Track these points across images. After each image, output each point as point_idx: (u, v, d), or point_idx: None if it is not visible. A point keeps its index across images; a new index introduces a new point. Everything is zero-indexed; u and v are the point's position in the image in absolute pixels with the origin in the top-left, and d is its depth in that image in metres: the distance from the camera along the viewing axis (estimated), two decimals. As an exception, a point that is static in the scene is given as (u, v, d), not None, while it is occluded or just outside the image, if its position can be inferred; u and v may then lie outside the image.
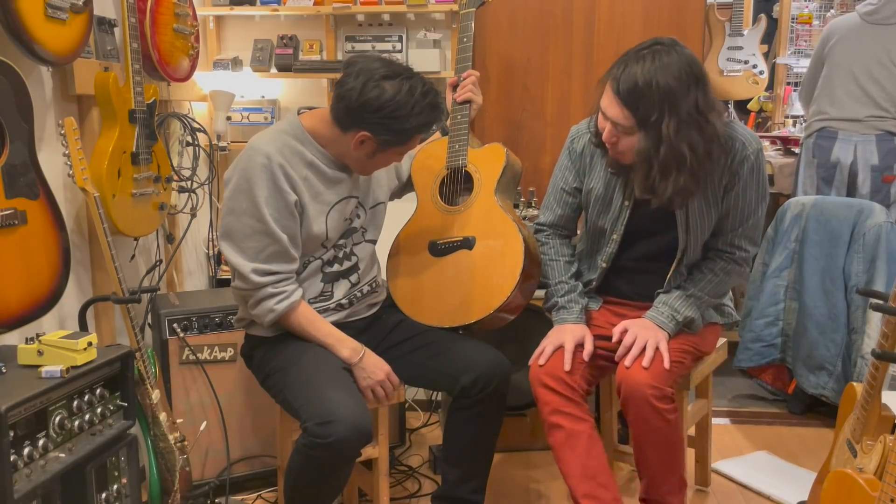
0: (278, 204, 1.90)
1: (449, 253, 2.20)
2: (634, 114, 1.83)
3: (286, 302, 1.94)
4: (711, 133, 1.85)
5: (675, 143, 1.82)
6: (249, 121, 3.04)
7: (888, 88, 3.17)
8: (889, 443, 1.52)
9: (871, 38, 3.21)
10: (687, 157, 1.83)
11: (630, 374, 1.92)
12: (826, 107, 3.24)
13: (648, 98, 1.80)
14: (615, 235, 2.10)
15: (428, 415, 3.07)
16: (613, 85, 1.85)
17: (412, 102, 1.88)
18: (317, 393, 1.82)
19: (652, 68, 1.80)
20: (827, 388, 2.89)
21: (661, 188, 1.87)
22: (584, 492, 1.95)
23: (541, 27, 3.05)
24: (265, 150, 1.91)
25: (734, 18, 3.93)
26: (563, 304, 2.13)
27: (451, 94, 2.31)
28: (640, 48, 1.86)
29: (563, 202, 2.20)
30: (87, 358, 1.69)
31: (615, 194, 2.07)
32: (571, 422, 1.98)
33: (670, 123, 1.81)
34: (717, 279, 2.06)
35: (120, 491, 1.82)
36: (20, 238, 1.73)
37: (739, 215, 2.02)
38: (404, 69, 1.93)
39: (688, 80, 1.81)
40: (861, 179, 3.16)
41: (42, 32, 1.81)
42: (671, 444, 1.96)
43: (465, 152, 2.24)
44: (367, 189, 2.12)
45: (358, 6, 2.94)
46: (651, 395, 1.87)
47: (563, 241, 2.22)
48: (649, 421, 1.90)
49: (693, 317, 2.04)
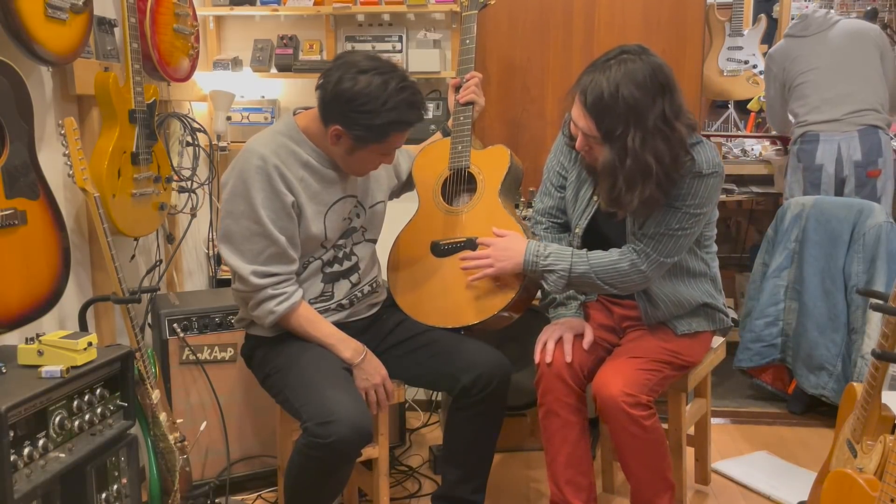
0: (275, 205, 1.90)
1: (452, 253, 2.20)
2: (600, 126, 1.83)
3: (286, 303, 1.94)
4: (677, 140, 1.84)
5: (641, 154, 1.80)
6: (249, 121, 3.03)
7: (856, 84, 3.17)
8: (889, 443, 1.52)
9: (817, 47, 3.25)
10: (653, 168, 1.81)
11: (604, 383, 1.93)
12: (803, 114, 3.25)
13: (613, 110, 1.80)
14: (578, 229, 2.11)
15: (428, 415, 3.07)
16: (581, 96, 1.85)
17: (384, 97, 1.83)
18: (317, 393, 1.82)
19: (617, 77, 1.79)
20: (827, 388, 2.89)
21: (627, 200, 1.86)
22: (567, 478, 2.05)
23: (541, 27, 3.05)
24: (260, 153, 1.90)
25: (734, 18, 3.93)
26: (562, 301, 2.14)
27: (454, 96, 2.31)
28: (607, 57, 1.85)
29: (556, 190, 2.19)
30: (87, 358, 1.69)
31: (585, 187, 2.08)
32: (569, 412, 2.03)
33: (636, 136, 1.80)
34: (615, 265, 1.96)
35: (120, 491, 1.82)
36: (20, 238, 1.73)
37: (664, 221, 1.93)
38: (387, 65, 1.88)
39: (653, 89, 1.80)
40: (847, 177, 3.16)
41: (42, 32, 1.81)
42: (651, 449, 1.97)
43: (468, 153, 2.24)
44: (365, 188, 2.11)
45: (358, 6, 2.94)
46: (625, 403, 1.88)
47: (559, 235, 2.20)
48: (626, 428, 1.91)
49: (555, 272, 1.98)
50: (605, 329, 2.15)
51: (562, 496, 2.06)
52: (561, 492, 2.06)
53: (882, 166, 3.14)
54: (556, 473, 2.07)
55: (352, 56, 1.90)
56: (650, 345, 2.04)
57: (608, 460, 2.45)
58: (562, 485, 2.06)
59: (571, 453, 2.05)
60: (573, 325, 2.07)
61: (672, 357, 2.04)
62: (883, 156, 3.14)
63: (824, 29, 3.26)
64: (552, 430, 2.06)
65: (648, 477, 2.01)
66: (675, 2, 2.99)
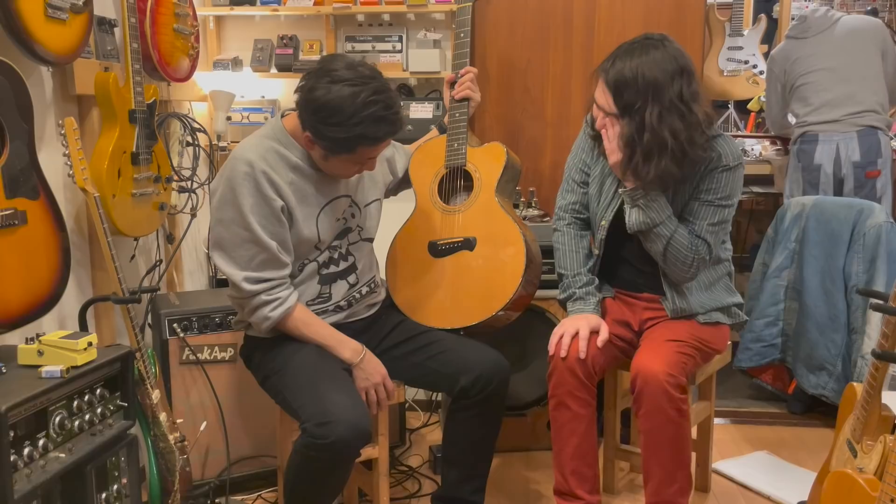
0: (264, 211, 1.89)
1: (449, 254, 2.20)
2: (618, 101, 1.95)
3: (281, 308, 1.93)
4: (694, 121, 1.94)
5: (658, 129, 1.91)
6: (249, 121, 3.03)
7: (856, 86, 3.17)
8: (889, 443, 1.52)
9: (818, 49, 3.24)
10: (669, 143, 1.91)
11: (644, 363, 1.96)
12: (804, 115, 3.25)
13: (633, 87, 1.92)
14: (604, 222, 2.14)
15: (428, 415, 3.07)
16: (603, 76, 1.98)
17: (350, 110, 1.79)
18: (315, 394, 1.82)
19: (639, 60, 1.93)
20: (827, 388, 2.89)
21: (644, 171, 1.95)
22: (573, 469, 2.09)
23: (541, 27, 3.05)
24: (247, 158, 1.89)
25: (734, 18, 3.93)
26: (581, 296, 2.15)
27: (449, 92, 2.31)
28: (632, 43, 1.98)
29: (579, 186, 2.23)
30: (87, 358, 1.68)
31: (610, 180, 2.13)
32: (580, 405, 2.07)
33: (653, 111, 1.91)
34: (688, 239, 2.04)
35: (120, 491, 1.82)
36: (20, 238, 1.73)
37: (704, 216, 2.06)
38: (363, 76, 1.81)
39: (672, 71, 1.92)
40: (845, 177, 3.17)
41: (42, 32, 1.81)
42: (682, 438, 1.98)
43: (464, 151, 2.23)
44: (360, 187, 2.10)
45: (358, 6, 2.94)
46: (667, 383, 1.91)
47: (581, 232, 2.23)
48: (664, 411, 1.92)
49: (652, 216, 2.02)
50: (621, 324, 2.17)
51: (566, 485, 2.11)
52: (566, 481, 2.10)
53: (881, 167, 3.15)
54: (562, 463, 2.11)
55: (332, 62, 1.86)
56: (682, 330, 2.09)
57: (610, 459, 2.45)
58: (567, 474, 2.10)
59: (579, 445, 2.08)
60: (590, 321, 2.09)
61: (702, 344, 2.09)
62: (882, 156, 3.15)
63: (825, 29, 3.25)
64: (562, 421, 2.09)
65: (674, 471, 1.99)
66: (675, 2, 2.99)
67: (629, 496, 2.47)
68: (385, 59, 3.00)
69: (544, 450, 2.67)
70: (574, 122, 3.09)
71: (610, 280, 2.26)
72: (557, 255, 2.22)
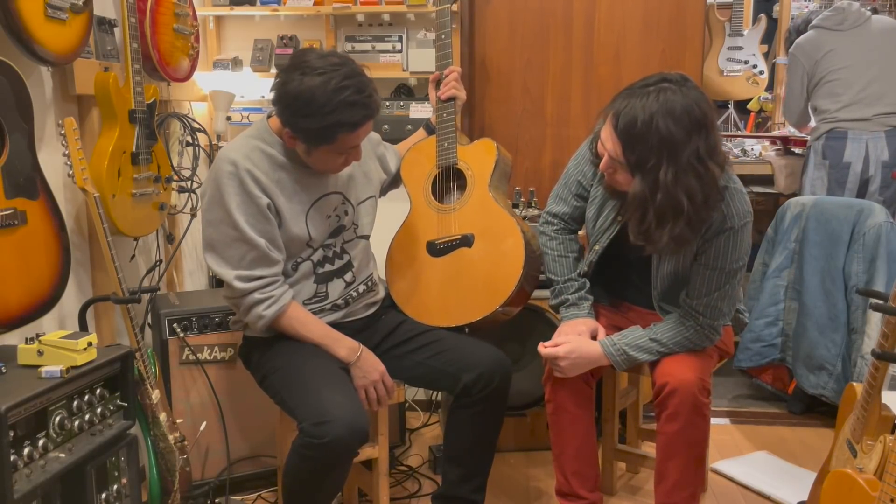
0: (250, 209, 1.89)
1: (448, 252, 2.20)
2: (631, 155, 1.78)
3: (275, 307, 1.93)
4: (710, 180, 1.79)
5: (673, 191, 1.75)
6: (249, 121, 3.03)
7: (889, 85, 3.17)
8: (889, 443, 1.52)
9: (853, 43, 3.22)
10: (685, 206, 1.76)
11: (673, 371, 1.93)
12: (832, 110, 3.22)
13: (646, 142, 1.74)
14: (597, 247, 2.11)
15: (428, 415, 3.07)
16: (613, 119, 1.80)
17: (323, 99, 1.78)
18: (312, 393, 1.82)
19: (653, 107, 1.73)
20: (827, 388, 2.89)
21: (657, 236, 1.82)
22: (574, 469, 2.11)
23: (541, 27, 3.05)
24: (231, 158, 1.90)
25: (734, 18, 3.93)
26: (574, 301, 2.14)
27: (435, 92, 2.30)
28: (646, 83, 1.79)
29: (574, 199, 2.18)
30: (87, 358, 1.68)
31: (609, 209, 2.06)
32: (578, 408, 2.08)
33: (668, 171, 1.75)
34: (684, 336, 1.99)
35: (120, 491, 1.82)
36: (20, 238, 1.73)
37: (706, 285, 1.95)
38: (332, 64, 1.81)
39: (690, 126, 1.74)
40: (872, 177, 3.16)
41: (42, 32, 1.81)
42: (702, 443, 1.99)
43: (454, 149, 2.23)
44: (352, 184, 2.09)
45: (358, 6, 2.94)
46: (697, 389, 1.90)
47: (572, 237, 2.21)
48: (689, 415, 1.90)
49: (642, 361, 2.01)
50: (615, 330, 2.13)
51: (568, 486, 2.12)
52: (568, 482, 2.12)
53: None
54: (563, 465, 2.13)
55: (303, 56, 1.86)
56: None
57: (608, 460, 2.45)
58: (569, 476, 2.12)
59: (580, 447, 2.10)
60: (586, 325, 2.08)
61: (721, 344, 2.09)
62: None
63: (859, 24, 3.22)
64: (562, 425, 2.10)
65: (692, 476, 1.98)
66: (675, 2, 2.99)
67: (627, 497, 2.47)
68: (385, 59, 3.00)
69: (544, 450, 2.67)
70: (574, 122, 3.09)
71: (608, 289, 2.25)
72: (546, 260, 2.19)
